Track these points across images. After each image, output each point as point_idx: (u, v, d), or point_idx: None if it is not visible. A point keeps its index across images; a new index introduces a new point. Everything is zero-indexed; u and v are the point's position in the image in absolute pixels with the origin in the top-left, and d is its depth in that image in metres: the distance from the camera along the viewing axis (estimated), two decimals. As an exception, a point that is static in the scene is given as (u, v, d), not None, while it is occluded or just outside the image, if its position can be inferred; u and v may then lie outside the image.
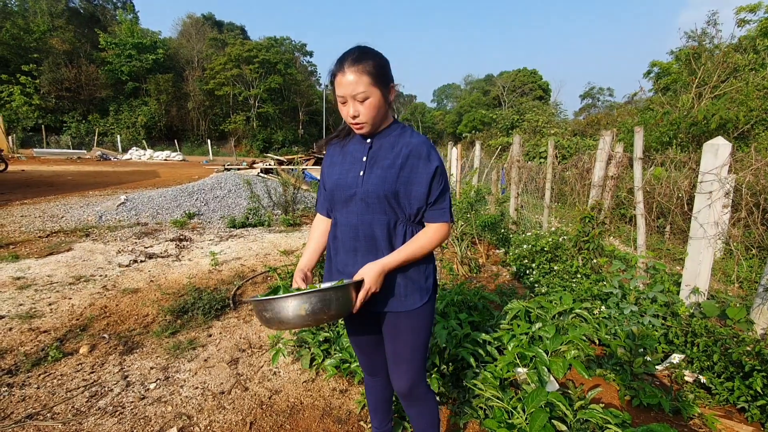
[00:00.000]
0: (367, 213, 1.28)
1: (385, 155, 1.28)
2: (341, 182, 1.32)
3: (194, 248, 5.15)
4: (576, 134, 16.71)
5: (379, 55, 1.23)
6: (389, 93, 1.26)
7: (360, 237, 1.30)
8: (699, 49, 14.12)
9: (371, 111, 1.22)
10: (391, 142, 1.30)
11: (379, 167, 1.27)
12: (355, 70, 1.16)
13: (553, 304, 2.49)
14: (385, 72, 1.23)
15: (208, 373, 2.40)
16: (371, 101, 1.20)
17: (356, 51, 1.20)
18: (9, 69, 29.39)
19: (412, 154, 1.26)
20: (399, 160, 1.26)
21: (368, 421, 1.99)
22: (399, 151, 1.27)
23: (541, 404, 1.59)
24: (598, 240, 3.75)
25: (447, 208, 1.30)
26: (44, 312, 3.15)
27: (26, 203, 7.74)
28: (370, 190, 1.26)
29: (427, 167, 1.25)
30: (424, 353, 1.40)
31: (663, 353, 2.60)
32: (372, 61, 1.19)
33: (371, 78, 1.18)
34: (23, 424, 1.93)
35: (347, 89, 1.18)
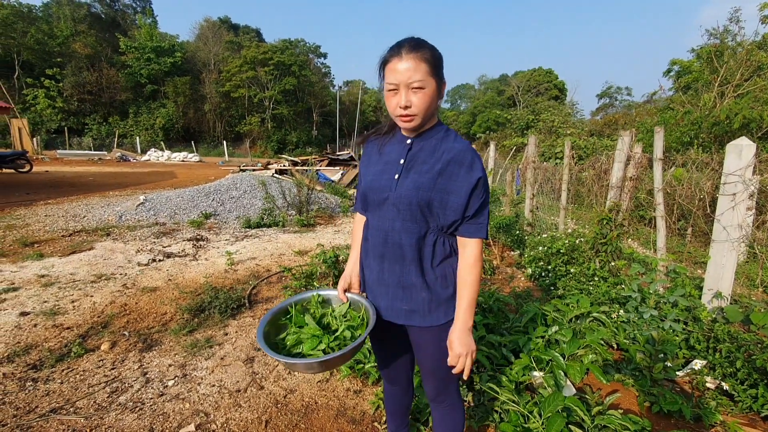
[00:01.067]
0: (398, 219, 1.22)
1: (424, 159, 1.20)
2: (375, 184, 1.26)
3: (211, 248, 5.24)
4: (593, 134, 16.43)
5: (435, 47, 1.17)
6: (442, 88, 1.19)
7: (388, 243, 1.25)
8: (721, 47, 13.75)
9: (425, 102, 1.13)
10: (432, 146, 1.21)
11: (416, 172, 1.20)
12: (414, 57, 1.10)
13: (570, 307, 2.45)
14: (441, 65, 1.17)
15: (224, 371, 2.43)
16: (426, 92, 1.13)
17: (414, 39, 1.14)
18: (34, 73, 30.39)
19: (453, 160, 1.17)
20: (438, 165, 1.18)
21: (382, 422, 2.00)
22: (439, 156, 1.19)
23: (558, 409, 1.57)
24: (616, 242, 3.68)
25: (485, 224, 1.20)
26: (67, 309, 3.24)
27: (50, 203, 7.98)
28: (402, 196, 1.19)
29: (468, 176, 1.15)
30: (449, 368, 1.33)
31: (684, 359, 2.54)
32: (430, 51, 1.13)
33: (429, 67, 1.11)
34: (47, 418, 1.99)
35: (403, 76, 1.10)
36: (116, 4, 41.42)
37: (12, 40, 29.08)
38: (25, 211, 7.05)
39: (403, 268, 1.23)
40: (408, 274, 1.24)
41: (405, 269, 1.24)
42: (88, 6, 37.71)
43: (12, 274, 3.96)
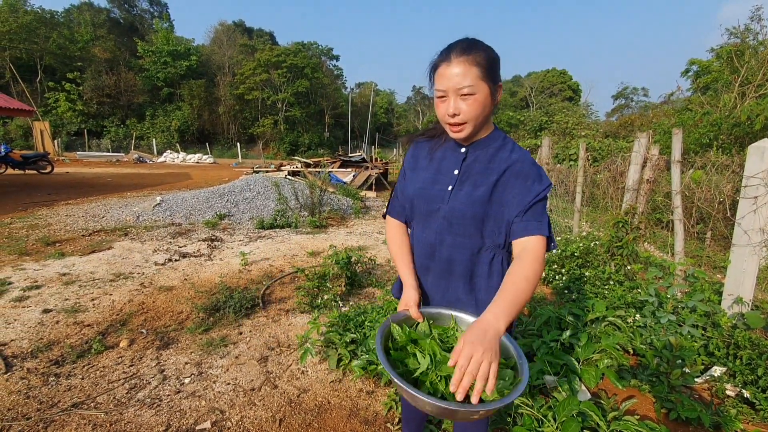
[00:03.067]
0: (449, 233, 1.14)
1: (481, 170, 1.12)
2: (425, 194, 1.17)
3: (225, 248, 5.31)
4: (608, 136, 16.18)
5: (490, 48, 1.08)
6: (497, 92, 1.09)
7: (435, 257, 1.17)
8: (742, 47, 13.43)
9: (475, 109, 1.04)
10: (488, 155, 1.13)
11: (470, 184, 1.11)
12: (464, 61, 1.02)
13: (584, 311, 2.43)
14: (495, 67, 1.07)
15: (239, 369, 2.47)
16: (477, 97, 1.03)
17: (465, 41, 1.06)
18: (55, 77, 31.30)
19: (510, 170, 1.09)
20: (493, 176, 1.09)
21: (395, 422, 2.00)
22: (495, 167, 1.10)
23: (572, 413, 1.56)
24: (632, 245, 3.63)
25: (545, 222, 1.06)
26: (88, 307, 3.33)
27: (70, 203, 8.19)
28: (456, 209, 1.11)
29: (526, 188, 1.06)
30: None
31: (703, 365, 2.48)
32: (483, 53, 1.04)
33: (480, 71, 1.02)
34: (69, 412, 2.05)
35: (451, 82, 1.03)
36: (134, 9, 42.44)
37: (35, 45, 30.00)
38: (47, 211, 7.26)
39: (450, 283, 1.16)
40: (455, 290, 1.17)
41: (452, 285, 1.16)
42: (107, 11, 38.79)
43: (35, 273, 4.08)
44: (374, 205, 9.73)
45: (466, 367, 0.79)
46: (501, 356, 0.89)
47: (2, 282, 3.77)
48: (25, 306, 3.31)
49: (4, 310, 3.21)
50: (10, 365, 2.48)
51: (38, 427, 1.95)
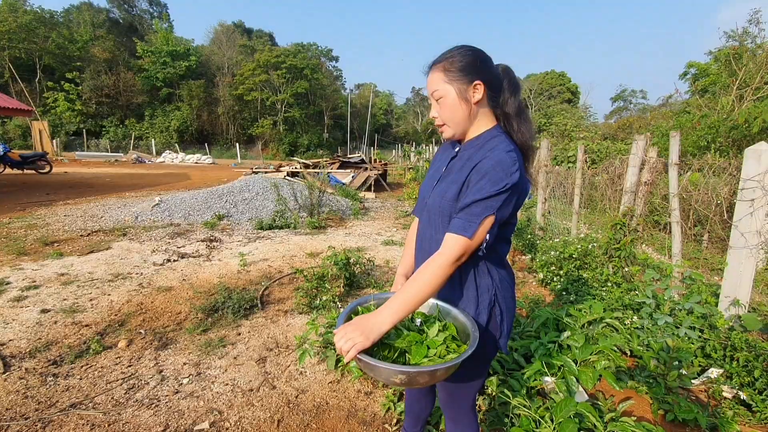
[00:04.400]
0: (429, 227, 1.20)
1: (459, 168, 1.15)
2: (421, 189, 1.29)
3: (224, 249, 5.31)
4: (606, 138, 16.24)
5: (468, 50, 1.12)
6: (471, 91, 1.10)
7: (422, 250, 1.23)
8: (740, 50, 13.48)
9: (447, 111, 1.12)
10: (469, 155, 1.15)
11: (448, 181, 1.16)
12: (434, 68, 1.12)
13: (582, 312, 2.44)
14: (467, 68, 1.09)
15: (237, 370, 2.47)
16: (445, 101, 1.11)
17: (448, 50, 1.14)
18: (54, 77, 31.27)
19: (475, 167, 1.09)
20: (465, 174, 1.11)
21: (393, 423, 2.01)
22: (469, 165, 1.11)
23: (570, 414, 1.56)
24: (630, 248, 3.64)
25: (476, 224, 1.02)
26: (86, 307, 3.33)
27: (69, 203, 8.18)
28: (432, 204, 1.18)
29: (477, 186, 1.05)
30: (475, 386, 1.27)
31: (699, 367, 2.50)
32: (455, 57, 1.10)
33: (447, 75, 1.10)
34: (67, 412, 2.05)
35: (428, 89, 1.15)
36: (134, 9, 42.41)
37: (34, 44, 29.98)
38: (46, 211, 7.25)
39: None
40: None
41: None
42: (107, 11, 38.78)
43: (33, 273, 4.08)
44: (373, 206, 9.74)
45: (340, 341, 0.95)
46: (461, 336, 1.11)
47: (0, 282, 3.76)
48: (23, 306, 3.30)
49: (3, 310, 3.20)
50: (9, 365, 2.48)
51: (36, 427, 1.95)
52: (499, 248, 1.19)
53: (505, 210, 1.06)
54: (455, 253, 1.02)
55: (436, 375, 0.97)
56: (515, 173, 1.03)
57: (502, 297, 1.18)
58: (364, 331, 0.95)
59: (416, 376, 0.96)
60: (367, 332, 0.95)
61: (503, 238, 1.19)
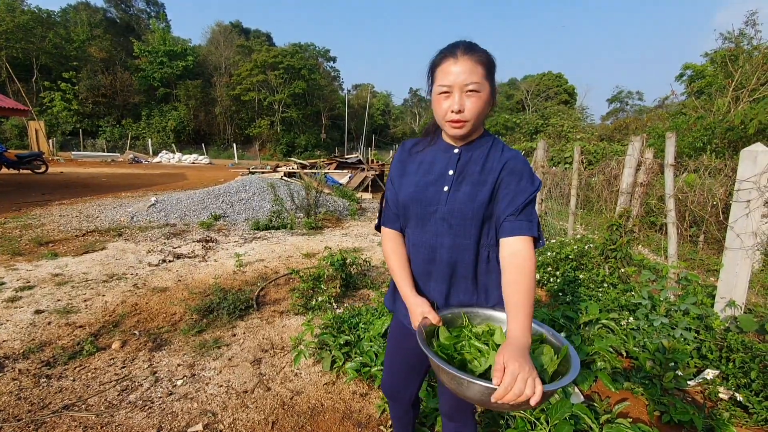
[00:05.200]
0: (448, 235, 1.13)
1: (478, 170, 1.12)
2: (420, 197, 1.16)
3: (220, 249, 5.29)
4: (603, 139, 16.28)
5: (489, 52, 1.11)
6: (495, 95, 1.13)
7: (436, 261, 1.16)
8: (736, 51, 13.57)
9: (479, 107, 1.06)
10: (483, 155, 1.13)
11: (469, 183, 1.12)
12: (470, 58, 1.03)
13: (578, 313, 2.43)
14: (494, 70, 1.10)
15: (232, 372, 2.46)
16: (481, 95, 1.05)
17: (467, 42, 1.09)
18: (51, 76, 31.11)
19: (505, 168, 1.10)
20: (493, 176, 1.10)
21: (388, 426, 2.00)
22: (492, 166, 1.11)
23: (565, 416, 1.56)
24: (626, 248, 3.64)
25: (535, 222, 1.06)
26: (80, 308, 3.30)
27: (64, 203, 8.13)
28: (455, 209, 1.11)
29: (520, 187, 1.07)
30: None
31: (695, 368, 2.50)
32: (485, 54, 1.07)
33: (485, 70, 1.05)
34: (60, 414, 2.03)
35: (458, 78, 1.03)
36: (131, 9, 42.27)
37: (31, 44, 29.81)
38: (41, 211, 7.20)
39: (452, 287, 1.16)
40: (456, 292, 1.17)
41: (454, 287, 1.17)
42: (104, 11, 38.62)
43: (27, 273, 4.05)
44: (370, 206, 9.73)
45: (512, 385, 0.80)
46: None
47: (-6, 282, 3.73)
48: (17, 306, 3.28)
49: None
50: (2, 366, 2.46)
51: (29, 428, 1.93)
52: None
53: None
54: (533, 250, 1.03)
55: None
56: (532, 169, 1.12)
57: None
58: (528, 361, 0.85)
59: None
60: (529, 360, 0.87)
61: None
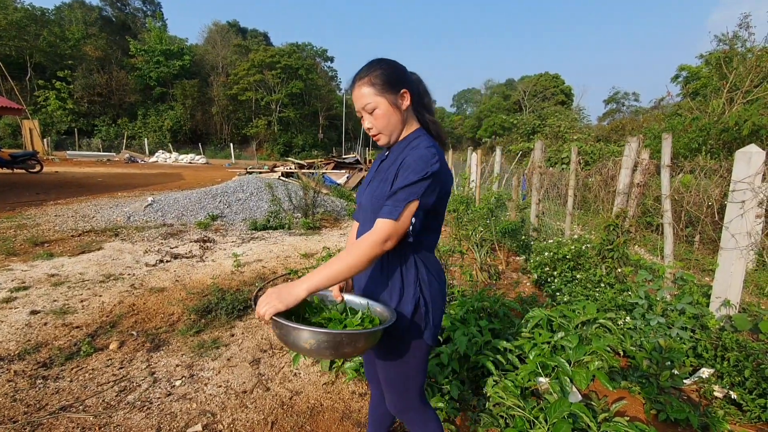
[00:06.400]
0: (365, 226, 1.27)
1: (388, 167, 1.24)
2: (357, 193, 1.40)
3: (217, 249, 5.28)
4: (600, 140, 16.37)
5: (387, 63, 1.23)
6: (399, 99, 1.22)
7: None
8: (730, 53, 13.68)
9: (381, 121, 1.22)
10: (395, 156, 1.24)
11: (378, 180, 1.25)
12: (361, 83, 1.20)
13: (576, 313, 2.45)
14: (392, 79, 1.21)
15: (230, 372, 2.45)
16: (378, 111, 1.20)
17: (365, 66, 1.23)
18: (45, 75, 30.89)
19: (402, 164, 1.17)
20: (393, 172, 1.19)
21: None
22: (397, 164, 1.20)
23: (564, 415, 1.57)
24: (622, 248, 3.66)
25: (401, 208, 1.10)
26: (77, 308, 3.28)
27: (60, 203, 8.08)
28: (366, 203, 1.28)
29: (402, 177, 1.14)
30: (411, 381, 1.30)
31: (691, 367, 2.52)
32: (378, 71, 1.20)
33: (375, 88, 1.19)
34: (57, 416, 2.02)
35: (358, 104, 1.22)
36: (127, 7, 42.07)
37: (25, 42, 29.60)
38: (36, 211, 7.15)
39: (368, 276, 1.29)
40: (369, 281, 1.30)
41: (368, 276, 1.29)
42: (99, 9, 38.41)
43: (23, 273, 4.02)
44: (368, 206, 9.73)
45: (259, 306, 1.03)
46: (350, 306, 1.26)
47: (-11, 283, 3.70)
48: (12, 307, 3.25)
49: (-9, 312, 3.15)
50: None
51: (25, 430, 1.92)
52: (426, 240, 1.25)
53: (429, 197, 1.14)
54: (383, 234, 1.09)
55: (342, 342, 1.00)
56: (435, 164, 1.13)
57: (428, 289, 1.23)
58: (280, 296, 1.03)
59: (324, 340, 0.99)
60: (283, 297, 1.03)
61: (431, 228, 1.25)
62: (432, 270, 1.25)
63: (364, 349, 1.08)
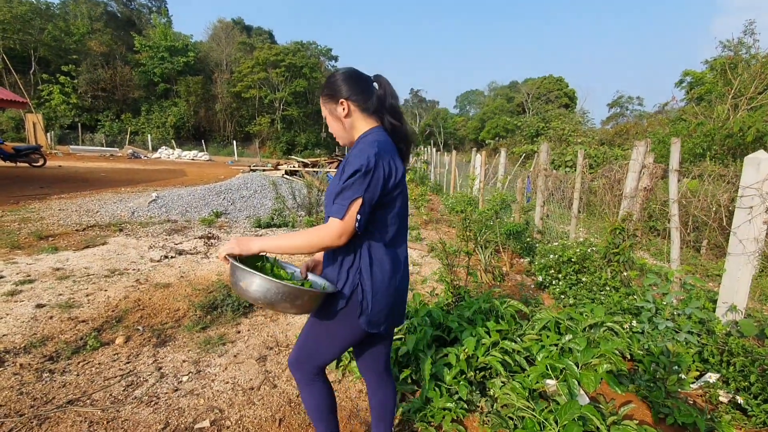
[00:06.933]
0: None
1: (342, 167, 1.33)
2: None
3: (222, 246, 5.28)
4: (603, 143, 16.34)
5: (331, 76, 1.39)
6: (338, 108, 1.36)
7: None
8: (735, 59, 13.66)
9: (331, 126, 1.42)
10: (349, 154, 1.36)
11: (333, 181, 1.38)
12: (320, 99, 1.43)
13: (583, 316, 2.44)
14: (332, 91, 1.37)
15: (237, 368, 2.45)
16: (328, 119, 1.41)
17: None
18: (50, 69, 30.93)
19: (347, 160, 1.29)
20: (342, 167, 1.31)
21: (395, 424, 2.00)
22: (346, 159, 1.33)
23: (574, 417, 1.57)
24: (628, 252, 3.66)
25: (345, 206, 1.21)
26: (82, 302, 3.29)
27: (63, 197, 8.10)
28: (326, 203, 1.38)
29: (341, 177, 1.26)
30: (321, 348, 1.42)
31: (697, 372, 2.52)
32: (325, 85, 1.39)
33: (323, 98, 1.40)
34: (64, 409, 2.02)
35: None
36: (132, 3, 42.11)
37: (29, 36, 29.63)
38: (40, 205, 7.16)
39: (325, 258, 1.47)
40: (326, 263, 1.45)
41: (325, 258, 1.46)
42: (104, 4, 38.44)
43: (28, 267, 4.03)
44: (371, 206, 9.72)
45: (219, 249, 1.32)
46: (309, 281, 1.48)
47: (-6, 275, 3.71)
48: (17, 300, 3.26)
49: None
50: (2, 361, 2.44)
51: (32, 424, 1.92)
52: (377, 231, 1.32)
53: (372, 192, 1.23)
54: (334, 232, 1.22)
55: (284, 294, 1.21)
56: (372, 158, 1.22)
57: (369, 279, 1.31)
58: (239, 243, 1.27)
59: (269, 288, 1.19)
60: (241, 244, 1.27)
61: (381, 221, 1.32)
62: (377, 261, 1.32)
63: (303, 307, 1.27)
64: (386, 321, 1.37)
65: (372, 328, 1.35)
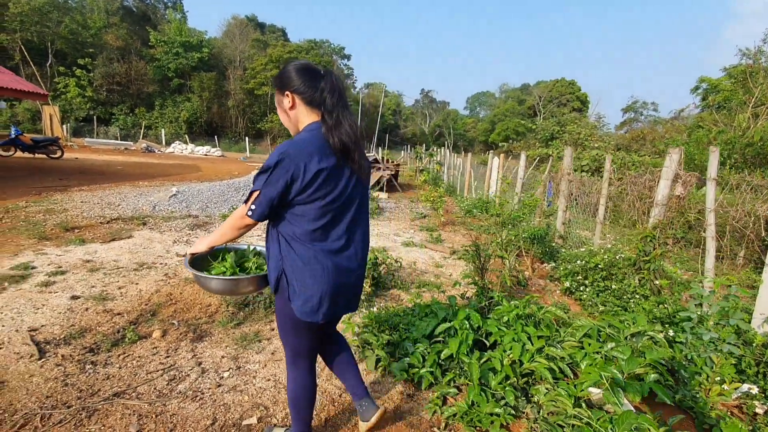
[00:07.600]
0: None
1: None
2: None
3: (245, 243, 5.30)
4: (620, 148, 16.18)
5: (282, 69, 1.45)
6: (285, 99, 1.43)
7: None
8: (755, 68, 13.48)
9: (280, 117, 1.51)
10: None
11: None
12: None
13: (625, 324, 2.42)
14: (281, 80, 1.43)
15: (276, 366, 2.46)
16: (278, 109, 1.51)
17: None
18: (66, 62, 31.29)
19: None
20: None
21: (441, 427, 2.00)
22: None
23: (632, 427, 1.55)
24: (659, 261, 3.62)
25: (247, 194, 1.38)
26: (115, 295, 3.32)
27: (84, 190, 8.19)
28: None
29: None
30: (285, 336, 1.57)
31: (735, 383, 2.48)
32: (277, 74, 1.45)
33: (276, 90, 1.47)
34: (112, 402, 2.04)
35: None
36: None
37: (47, 29, 30.00)
38: (62, 197, 7.25)
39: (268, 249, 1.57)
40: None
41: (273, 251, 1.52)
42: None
43: (57, 258, 4.08)
44: (387, 206, 9.73)
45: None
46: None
47: (25, 266, 3.76)
48: (51, 291, 3.30)
49: (31, 295, 3.20)
50: (43, 351, 2.47)
51: (81, 415, 1.94)
52: (295, 223, 1.38)
53: (272, 188, 1.30)
54: (234, 216, 1.42)
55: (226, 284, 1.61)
56: (276, 157, 1.29)
57: (290, 266, 1.40)
58: (195, 245, 1.58)
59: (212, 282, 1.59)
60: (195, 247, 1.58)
61: (301, 215, 1.37)
62: (297, 251, 1.39)
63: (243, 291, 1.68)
64: (321, 310, 1.43)
65: (305, 316, 1.42)
